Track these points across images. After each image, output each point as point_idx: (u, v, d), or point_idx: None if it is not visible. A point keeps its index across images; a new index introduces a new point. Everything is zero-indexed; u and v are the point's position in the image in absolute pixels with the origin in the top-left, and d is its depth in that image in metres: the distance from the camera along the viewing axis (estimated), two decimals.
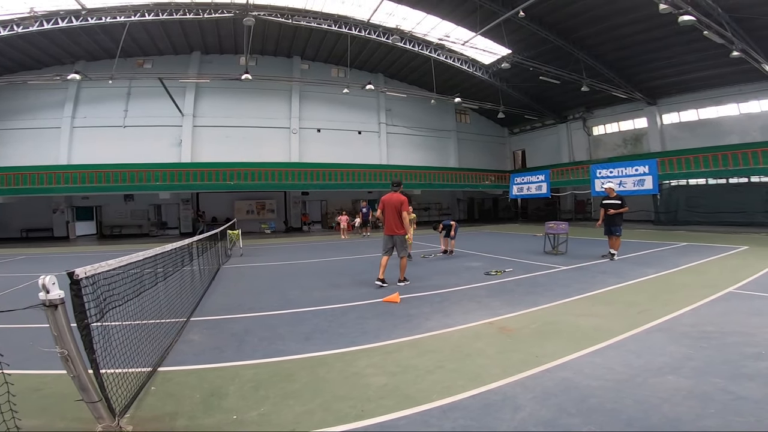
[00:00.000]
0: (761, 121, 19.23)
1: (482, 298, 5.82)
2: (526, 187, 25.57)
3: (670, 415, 2.39)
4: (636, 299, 5.44)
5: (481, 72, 24.44)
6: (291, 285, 7.27)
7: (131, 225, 23.00)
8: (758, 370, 2.99)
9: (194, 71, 22.64)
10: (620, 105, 24.59)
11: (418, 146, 28.91)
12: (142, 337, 3.23)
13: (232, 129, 23.67)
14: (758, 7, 14.17)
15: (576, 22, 18.35)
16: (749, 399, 2.55)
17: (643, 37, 18.06)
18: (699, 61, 18.53)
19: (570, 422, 2.37)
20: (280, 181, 21.88)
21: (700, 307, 4.89)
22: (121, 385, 2.60)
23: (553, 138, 29.51)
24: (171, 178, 20.07)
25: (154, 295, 3.80)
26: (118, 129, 22.01)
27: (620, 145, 25.62)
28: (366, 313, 5.11)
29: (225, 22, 19.38)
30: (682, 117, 22.50)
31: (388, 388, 2.92)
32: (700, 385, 2.79)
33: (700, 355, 3.35)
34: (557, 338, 3.95)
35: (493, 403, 2.65)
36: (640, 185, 18.98)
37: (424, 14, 19.67)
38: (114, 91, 21.48)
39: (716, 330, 3.99)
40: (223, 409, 2.67)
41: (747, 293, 5.53)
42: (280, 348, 3.88)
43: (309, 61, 25.79)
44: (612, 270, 7.76)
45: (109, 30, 18.73)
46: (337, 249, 13.50)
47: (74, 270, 2.19)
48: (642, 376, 2.98)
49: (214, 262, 9.12)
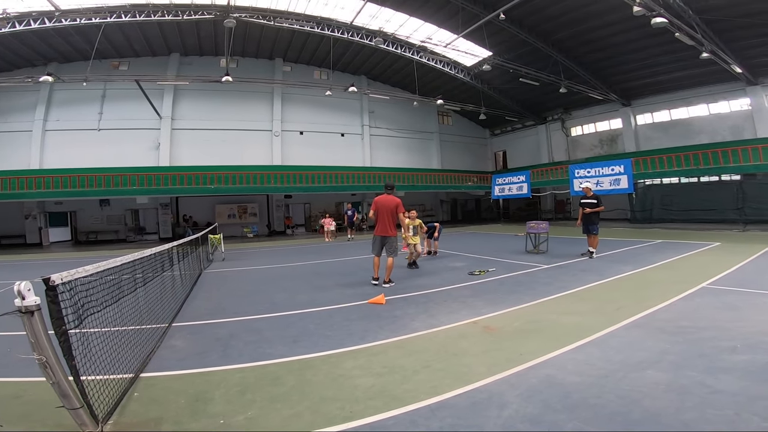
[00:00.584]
0: (730, 121, 19.99)
1: (466, 297, 5.88)
2: (508, 188, 25.94)
3: (651, 410, 2.46)
4: (614, 296, 5.60)
5: (462, 74, 24.71)
6: (275, 288, 7.20)
7: (107, 231, 22.33)
8: (733, 364, 3.09)
9: (173, 73, 22.16)
10: (597, 106, 25.22)
11: (401, 148, 29.00)
12: (123, 343, 3.16)
13: (212, 132, 23.26)
14: (727, 8, 14.72)
15: (554, 24, 18.73)
16: (726, 392, 2.63)
17: (619, 39, 18.56)
18: (671, 63, 19.14)
19: (555, 418, 2.42)
20: (262, 185, 21.59)
21: (675, 303, 5.05)
22: (103, 391, 2.54)
23: (533, 139, 30.05)
24: (149, 182, 19.59)
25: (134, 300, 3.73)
26: (93, 132, 21.36)
27: (597, 145, 26.26)
28: (352, 315, 5.10)
29: (205, 23, 19.02)
30: (655, 117, 23.23)
31: (376, 389, 2.93)
32: (678, 379, 2.88)
33: (676, 350, 3.45)
34: (540, 336, 4.03)
35: (480, 401, 2.68)
36: (616, 184, 19.49)
37: (407, 16, 19.78)
38: (88, 94, 20.84)
39: (691, 325, 4.12)
40: (209, 414, 2.64)
41: (719, 288, 5.74)
42: (266, 351, 3.85)
43: (291, 63, 25.57)
44: (591, 268, 7.95)
45: (83, 31, 18.18)
46: (322, 252, 13.43)
47: (50, 276, 2.14)
48: (622, 371, 3.06)
49: (195, 267, 8.96)
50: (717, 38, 16.10)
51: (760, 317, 4.26)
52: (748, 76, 17.99)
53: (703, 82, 19.95)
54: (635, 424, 2.32)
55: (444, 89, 26.28)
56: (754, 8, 14.46)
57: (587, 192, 9.84)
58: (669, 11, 13.87)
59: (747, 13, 14.74)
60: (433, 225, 11.16)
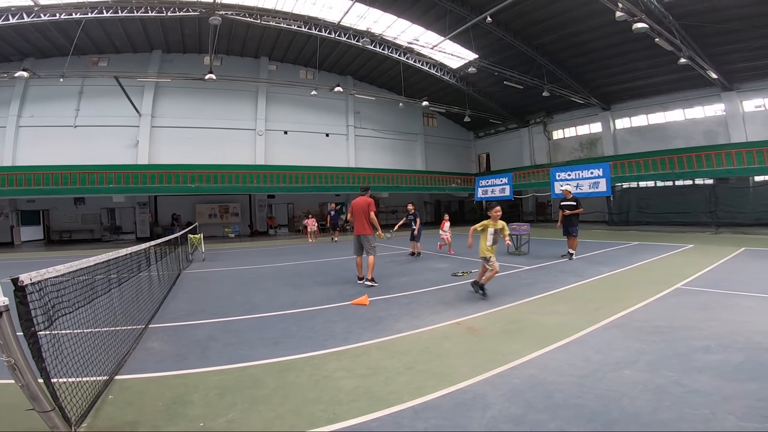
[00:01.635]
0: (704, 126, 20.67)
1: (450, 299, 5.91)
2: (491, 190, 26.21)
3: (630, 409, 2.50)
4: (593, 297, 5.71)
5: (448, 76, 24.90)
6: (256, 289, 7.09)
7: (82, 230, 21.68)
8: (707, 363, 3.17)
9: (154, 70, 21.68)
10: (578, 110, 25.77)
11: (386, 149, 29.05)
12: (96, 345, 3.05)
13: (194, 130, 22.83)
14: (706, 14, 15.22)
15: (540, 28, 19.08)
16: (701, 392, 2.69)
17: (601, 43, 19.01)
18: (650, 68, 19.69)
19: (538, 418, 2.44)
20: (244, 184, 21.32)
21: (652, 303, 5.18)
22: (76, 394, 2.46)
23: (515, 142, 30.49)
24: (126, 180, 19.11)
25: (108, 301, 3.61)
26: (69, 129, 20.71)
27: (577, 148, 26.84)
28: (334, 317, 5.06)
29: (189, 20, 18.69)
30: (633, 122, 23.87)
31: (359, 391, 2.90)
32: (655, 378, 2.93)
33: (652, 349, 3.53)
34: (522, 336, 4.07)
35: (464, 402, 2.68)
36: (595, 187, 19.90)
37: (395, 17, 19.83)
38: (65, 90, 20.20)
39: (667, 325, 4.23)
40: (188, 417, 2.57)
41: (693, 289, 5.92)
42: (246, 353, 3.77)
43: (277, 62, 25.34)
44: (571, 269, 8.09)
45: (62, 27, 17.66)
46: (305, 252, 13.30)
47: (18, 276, 2.06)
48: (602, 371, 3.11)
49: (174, 267, 8.75)
50: (695, 44, 16.62)
51: (732, 317, 4.39)
52: (724, 82, 18.62)
53: (680, 87, 20.59)
54: (614, 423, 2.35)
55: (430, 91, 26.46)
56: (732, 14, 14.97)
57: (567, 194, 10.01)
58: (650, 17, 14.25)
59: (724, 19, 15.23)
60: (416, 214, 11.31)
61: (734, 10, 14.83)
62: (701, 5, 14.90)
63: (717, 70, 17.83)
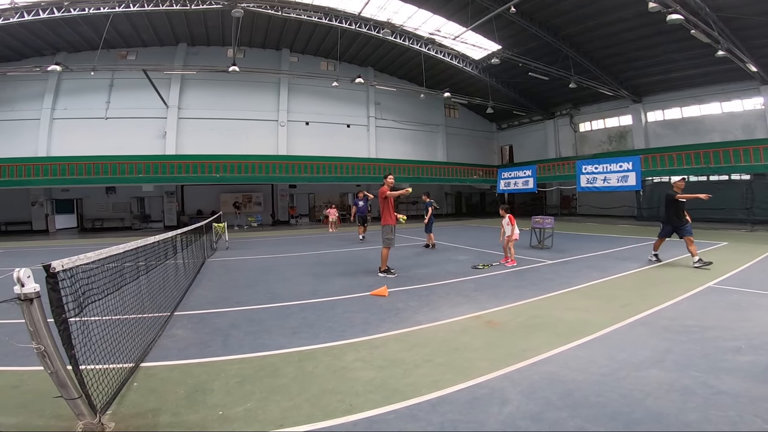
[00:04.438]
0: (743, 120, 19.67)
1: (469, 291, 5.85)
2: (513, 182, 25.76)
3: (653, 409, 2.43)
4: (619, 293, 5.54)
5: (470, 67, 24.43)
6: (277, 278, 7.20)
7: (113, 218, 22.52)
8: (737, 365, 3.05)
9: (180, 63, 22.13)
10: (606, 102, 24.88)
11: (407, 140, 28.87)
12: (124, 332, 3.15)
13: (218, 121, 23.25)
14: (745, 7, 14.40)
15: (566, 19, 18.45)
16: (729, 393, 2.59)
17: (631, 35, 18.26)
18: (684, 60, 18.81)
19: (557, 416, 2.39)
20: (267, 174, 21.61)
21: (681, 302, 4.99)
22: (102, 381, 2.53)
23: (540, 134, 29.77)
24: (155, 170, 19.65)
25: (136, 289, 3.72)
26: (100, 121, 21.42)
27: (605, 141, 25.99)
28: (353, 307, 5.09)
29: (212, 13, 18.90)
30: (666, 115, 22.90)
31: (376, 383, 2.92)
32: (681, 379, 2.84)
33: (680, 349, 3.41)
34: (543, 332, 3.99)
35: (481, 397, 2.66)
36: (624, 181, 19.29)
37: (415, 8, 19.54)
38: (96, 83, 20.87)
39: (696, 324, 4.07)
40: (208, 405, 2.63)
41: (725, 288, 5.67)
42: (266, 342, 3.84)
43: (298, 53, 25.41)
44: (595, 264, 7.89)
45: (91, 21, 18.13)
46: (325, 242, 13.42)
47: (50, 263, 2.11)
48: (625, 369, 3.03)
49: (199, 255, 8.99)
50: (733, 36, 15.80)
51: (765, 318, 4.20)
52: (763, 75, 17.67)
53: (717, 80, 19.61)
54: (637, 423, 2.29)
55: (451, 82, 26.04)
56: None
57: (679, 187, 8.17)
58: (685, 8, 13.60)
59: (765, 12, 14.41)
60: (429, 203, 11.28)
61: None
62: None
63: (756, 62, 16.90)
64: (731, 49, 15.63)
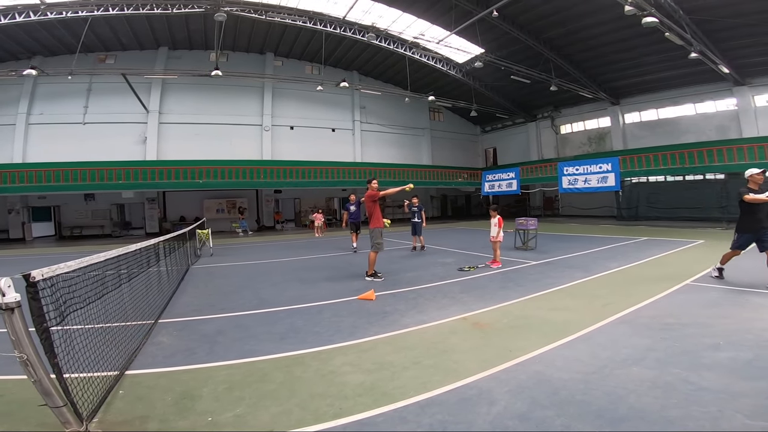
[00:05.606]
0: (716, 121, 20.29)
1: (456, 293, 5.90)
2: (497, 184, 26.09)
3: (637, 406, 2.49)
4: (601, 292, 5.67)
5: (454, 71, 24.70)
6: (264, 284, 7.15)
7: (92, 225, 21.95)
8: (717, 361, 3.14)
9: (161, 67, 21.76)
10: (586, 104, 25.44)
11: (392, 144, 28.97)
12: (107, 340, 3.10)
13: (201, 126, 22.92)
14: (718, 9, 14.85)
15: (547, 22, 18.81)
16: (710, 390, 2.67)
17: (609, 38, 18.69)
18: (660, 62, 19.34)
19: (544, 414, 2.44)
20: (251, 179, 21.41)
21: (660, 300, 5.13)
22: (87, 389, 2.50)
23: (522, 136, 30.24)
24: (135, 177, 19.23)
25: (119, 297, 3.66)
26: (78, 126, 20.90)
27: (585, 143, 26.53)
28: (341, 311, 5.09)
29: (195, 17, 18.66)
30: (643, 116, 23.51)
31: (365, 386, 2.93)
32: (663, 375, 2.91)
33: (661, 346, 3.51)
34: (529, 332, 4.06)
35: (470, 398, 2.69)
36: (604, 182, 19.71)
37: (400, 12, 19.67)
38: (73, 87, 20.33)
39: (675, 321, 4.19)
40: (197, 412, 2.61)
41: (703, 285, 5.86)
42: (254, 348, 3.81)
43: (282, 57, 25.30)
44: (578, 264, 8.04)
45: (69, 25, 17.74)
46: (312, 247, 13.35)
47: (30, 272, 2.09)
48: (609, 367, 3.10)
49: (182, 263, 8.85)
50: (706, 38, 16.28)
51: (743, 314, 4.34)
52: (736, 77, 18.27)
53: (691, 81, 20.21)
54: (621, 420, 2.34)
55: (436, 85, 26.28)
56: (744, 8, 14.62)
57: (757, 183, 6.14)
58: (660, 11, 13.97)
59: (737, 14, 14.88)
60: (420, 207, 11.33)
61: (747, 4, 14.47)
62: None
63: (729, 64, 17.46)
64: (704, 51, 16.11)
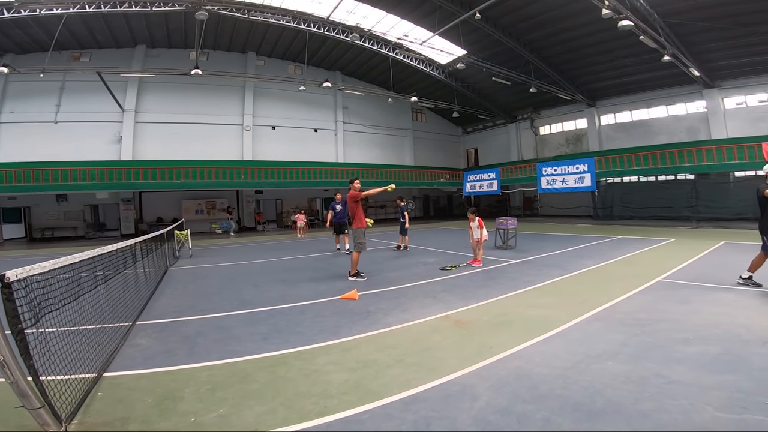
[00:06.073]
0: (687, 123, 21.00)
1: (438, 292, 5.97)
2: (479, 185, 26.42)
3: (613, 399, 2.59)
4: (578, 290, 5.84)
5: (437, 72, 24.91)
6: (245, 285, 7.07)
7: (65, 227, 21.19)
8: (687, 355, 3.28)
9: (138, 65, 21.20)
10: (564, 106, 26.00)
11: (375, 144, 29.01)
12: (84, 342, 3.04)
13: (179, 125, 22.41)
14: (690, 12, 15.38)
15: (528, 25, 19.15)
16: (681, 383, 2.78)
17: (587, 41, 19.13)
18: (634, 65, 19.89)
19: (524, 408, 2.51)
20: (231, 180, 21.08)
21: (634, 296, 5.32)
22: (65, 391, 2.46)
23: (503, 137, 30.71)
24: (110, 177, 18.67)
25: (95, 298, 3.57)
26: (50, 125, 20.16)
27: (563, 144, 27.13)
28: (324, 311, 5.09)
29: (175, 15, 18.21)
30: (618, 118, 24.16)
31: (350, 384, 2.95)
32: (637, 370, 3.03)
33: (634, 342, 3.64)
34: (509, 329, 4.15)
35: (453, 394, 2.74)
36: (581, 182, 20.20)
37: (384, 13, 19.72)
38: (45, 85, 19.64)
39: (648, 317, 4.35)
40: (180, 412, 2.58)
41: (674, 282, 6.09)
42: (235, 349, 3.78)
43: (265, 57, 25.00)
44: (556, 263, 8.24)
45: (43, 22, 17.08)
46: (294, 248, 13.25)
47: (5, 273, 2.05)
48: (585, 362, 3.21)
49: (160, 264, 8.67)
50: (679, 42, 16.81)
51: (711, 309, 4.54)
52: (706, 80, 18.93)
53: (664, 84, 20.86)
54: (598, 414, 2.42)
55: (419, 86, 26.45)
56: (716, 12, 15.15)
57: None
58: (636, 14, 14.36)
59: (708, 17, 15.41)
60: (404, 208, 11.42)
61: (719, 8, 15.02)
62: (686, 3, 15.05)
63: (700, 67, 18.11)
64: (676, 54, 16.65)
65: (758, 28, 15.13)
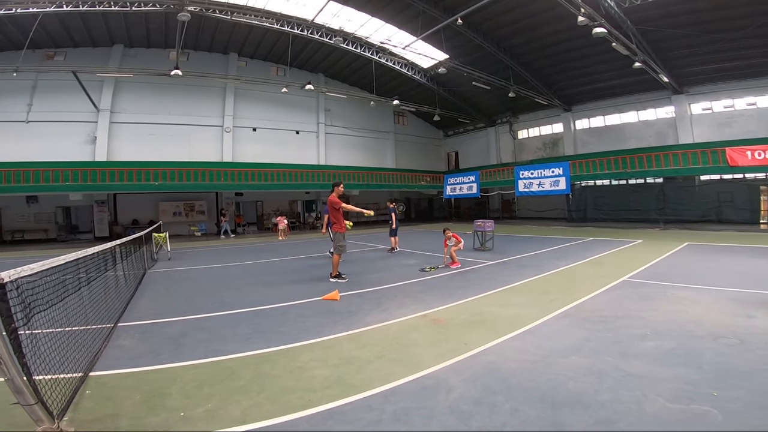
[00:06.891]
0: (656, 128, 21.84)
1: (417, 293, 6.18)
2: (459, 188, 26.82)
3: (575, 391, 2.82)
4: (549, 289, 6.14)
5: (419, 76, 25.22)
6: (227, 287, 7.11)
7: (36, 230, 20.44)
8: (643, 350, 3.55)
9: (115, 65, 20.67)
10: (541, 111, 26.64)
11: (357, 147, 29.11)
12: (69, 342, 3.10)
13: (157, 126, 21.99)
14: (663, 20, 16.02)
15: (508, 31, 19.65)
16: (636, 375, 3.03)
17: (564, 47, 19.72)
18: (608, 71, 20.61)
19: (494, 399, 2.72)
20: (211, 182, 20.83)
21: (600, 295, 5.65)
22: (54, 390, 2.53)
23: (483, 141, 31.27)
24: (83, 178, 18.16)
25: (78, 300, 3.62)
26: (20, 124, 19.45)
27: (540, 148, 27.82)
28: (306, 312, 5.21)
29: (155, 15, 17.86)
30: (591, 123, 24.96)
31: (332, 379, 3.10)
32: (597, 363, 3.28)
33: (596, 337, 3.91)
34: (483, 327, 4.38)
35: (429, 387, 2.94)
36: (556, 186, 20.78)
37: (368, 17, 19.86)
38: (16, 84, 18.90)
39: (611, 314, 4.65)
40: (168, 408, 2.68)
41: (638, 281, 6.46)
42: (220, 348, 3.88)
43: (247, 58, 24.78)
44: (531, 264, 8.58)
45: (17, 21, 16.51)
46: (275, 250, 13.26)
47: None
48: (551, 357, 3.45)
49: (138, 267, 8.59)
50: (650, 48, 17.49)
51: (670, 307, 4.87)
52: (674, 86, 19.74)
53: (635, 90, 21.66)
54: (561, 404, 2.64)
55: (401, 90, 26.69)
56: (685, 20, 15.86)
57: None
58: (610, 21, 14.88)
59: (677, 25, 16.12)
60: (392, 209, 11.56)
61: (687, 16, 15.71)
62: (658, 11, 15.67)
63: (669, 73, 18.86)
64: (647, 61, 17.33)
65: (724, 35, 15.89)
